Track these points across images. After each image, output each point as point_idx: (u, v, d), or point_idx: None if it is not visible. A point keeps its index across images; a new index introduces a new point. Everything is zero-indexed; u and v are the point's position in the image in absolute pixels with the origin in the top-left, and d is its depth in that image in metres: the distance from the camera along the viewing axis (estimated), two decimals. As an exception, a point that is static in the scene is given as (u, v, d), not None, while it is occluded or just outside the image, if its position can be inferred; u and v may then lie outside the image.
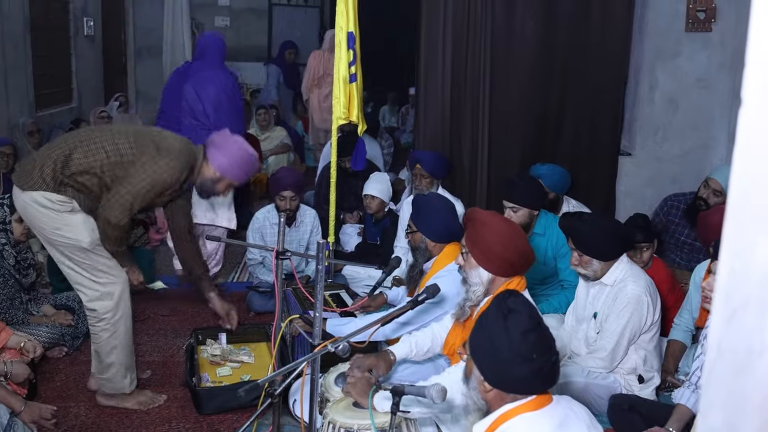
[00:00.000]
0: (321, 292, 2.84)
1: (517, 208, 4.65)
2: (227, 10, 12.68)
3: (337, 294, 4.80)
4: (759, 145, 0.77)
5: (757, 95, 0.77)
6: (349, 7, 5.00)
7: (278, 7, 12.77)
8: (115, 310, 3.85)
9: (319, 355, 2.65)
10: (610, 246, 3.84)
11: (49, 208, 3.68)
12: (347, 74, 5.06)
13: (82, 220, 3.76)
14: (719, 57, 6.13)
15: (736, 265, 0.80)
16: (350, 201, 6.81)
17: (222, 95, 5.91)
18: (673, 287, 4.63)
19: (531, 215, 4.70)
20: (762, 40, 0.76)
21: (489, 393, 2.35)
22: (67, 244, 3.74)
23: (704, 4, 6.03)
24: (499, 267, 3.14)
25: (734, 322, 0.80)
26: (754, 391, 0.79)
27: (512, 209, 4.65)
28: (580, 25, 5.96)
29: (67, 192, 3.70)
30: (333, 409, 3.05)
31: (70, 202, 3.71)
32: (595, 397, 3.80)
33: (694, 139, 6.31)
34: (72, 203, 3.72)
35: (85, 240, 3.73)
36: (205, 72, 5.94)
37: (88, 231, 3.75)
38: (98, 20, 10.08)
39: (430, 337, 3.48)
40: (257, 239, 5.56)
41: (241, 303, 5.61)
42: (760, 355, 0.78)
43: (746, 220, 0.78)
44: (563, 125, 6.14)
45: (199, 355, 4.45)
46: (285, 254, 3.46)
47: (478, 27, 5.80)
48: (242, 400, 3.61)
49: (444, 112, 5.90)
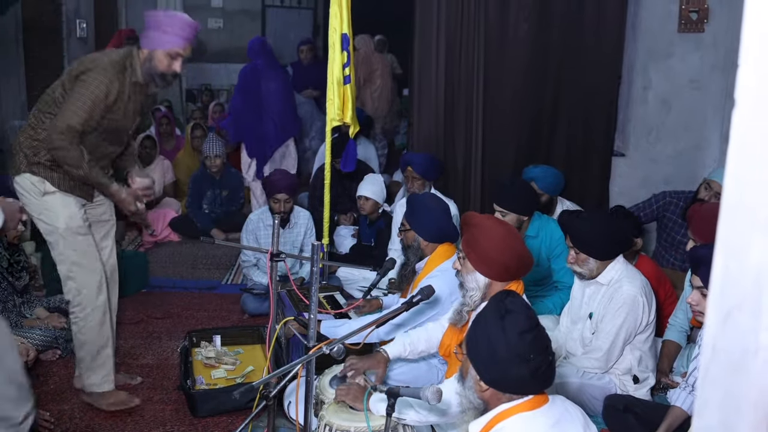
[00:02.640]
0: (315, 294, 2.84)
1: (506, 213, 4.66)
2: (220, 11, 12.66)
3: (331, 296, 4.79)
4: (752, 146, 0.77)
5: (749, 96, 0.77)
6: (343, 8, 5.00)
7: (272, 9, 12.75)
8: (83, 304, 3.84)
9: (314, 357, 2.65)
10: (608, 246, 3.85)
11: (30, 193, 3.73)
12: (341, 76, 5.06)
13: (59, 202, 3.76)
14: (712, 58, 6.15)
15: (731, 266, 0.80)
16: (344, 203, 6.81)
17: (287, 93, 7.18)
18: (661, 282, 4.60)
19: (519, 220, 4.71)
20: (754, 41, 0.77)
21: (485, 392, 2.35)
22: (48, 230, 3.77)
23: (697, 5, 6.05)
24: (496, 272, 3.13)
25: (729, 322, 0.80)
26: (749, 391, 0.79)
27: (500, 213, 4.66)
28: (574, 25, 5.97)
29: (39, 172, 3.72)
30: (328, 411, 3.05)
31: (42, 183, 3.71)
32: (590, 397, 3.80)
33: (687, 140, 6.32)
34: (44, 184, 3.72)
35: (60, 225, 3.73)
36: (272, 71, 7.04)
37: (64, 216, 3.74)
38: (91, 22, 10.03)
39: (425, 336, 3.48)
40: (251, 241, 5.56)
41: (235, 305, 5.62)
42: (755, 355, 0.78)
43: (740, 220, 0.78)
44: (557, 126, 6.15)
45: (194, 357, 4.45)
46: (279, 256, 3.45)
47: (471, 28, 5.80)
48: (237, 403, 3.60)
49: (438, 113, 5.90)
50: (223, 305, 5.70)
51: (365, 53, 8.84)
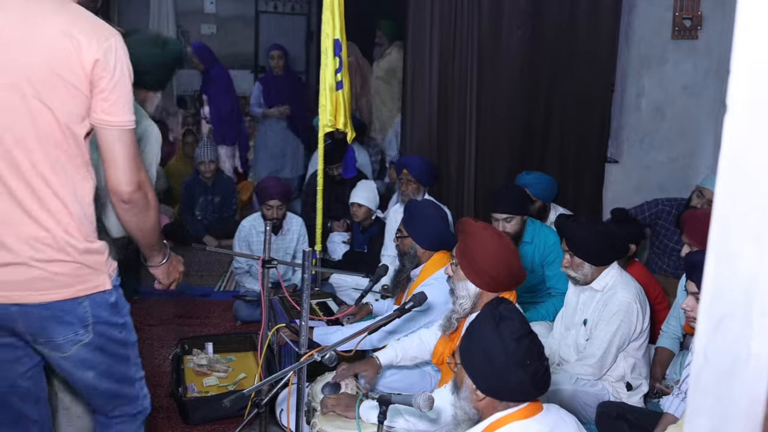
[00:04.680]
0: (307, 301, 2.83)
1: (511, 218, 4.64)
2: (214, 17, 12.64)
3: (324, 302, 4.78)
4: (744, 153, 0.77)
5: (742, 103, 0.77)
6: (336, 14, 5.00)
7: (265, 15, 12.74)
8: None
9: (306, 364, 2.64)
10: (604, 251, 3.85)
11: None
12: (333, 82, 5.06)
13: None
14: (705, 64, 6.16)
15: (722, 273, 0.79)
16: (337, 209, 6.80)
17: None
18: (651, 288, 4.58)
19: (523, 222, 4.71)
20: (747, 48, 0.76)
21: (481, 402, 2.35)
22: None
23: (690, 12, 6.07)
24: (486, 282, 3.13)
25: (720, 329, 0.80)
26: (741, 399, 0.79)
27: (505, 220, 4.63)
28: (567, 33, 5.97)
29: None
30: (320, 418, 3.04)
31: None
32: (583, 404, 3.79)
33: (681, 147, 6.33)
34: None
35: None
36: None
37: None
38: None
39: (417, 343, 3.47)
40: (243, 248, 5.54)
41: (227, 312, 5.60)
42: (746, 363, 0.78)
43: (732, 227, 0.78)
44: (550, 133, 6.15)
45: (186, 365, 4.43)
46: (271, 263, 3.45)
47: (464, 35, 5.80)
48: (229, 410, 3.59)
49: (431, 121, 5.89)
50: (216, 312, 5.68)
51: (356, 62, 8.80)
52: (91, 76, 2.22)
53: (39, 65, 2.17)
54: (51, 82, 2.19)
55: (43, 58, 2.18)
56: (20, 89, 2.17)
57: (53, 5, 2.25)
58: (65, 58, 2.19)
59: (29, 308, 2.27)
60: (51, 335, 2.33)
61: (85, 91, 2.23)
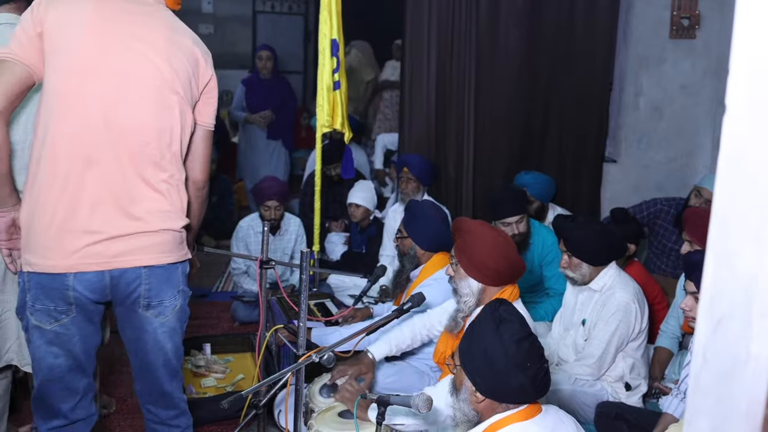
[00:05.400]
0: (305, 302, 2.82)
1: (522, 218, 4.63)
2: (211, 17, 12.63)
3: (322, 303, 4.78)
4: (743, 152, 0.76)
5: (741, 102, 0.77)
6: (333, 14, 5.00)
7: (262, 15, 12.74)
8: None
9: (304, 365, 2.63)
10: (602, 251, 3.84)
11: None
12: (331, 82, 5.06)
13: None
14: (704, 64, 6.16)
15: (722, 273, 0.79)
16: (335, 209, 6.79)
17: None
18: (649, 287, 4.58)
19: (529, 220, 4.71)
20: (745, 47, 0.76)
21: (480, 403, 2.34)
22: None
23: (688, 11, 6.07)
24: (488, 276, 3.13)
25: (719, 330, 0.80)
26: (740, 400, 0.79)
27: (517, 222, 4.60)
28: (565, 32, 5.97)
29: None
30: (318, 420, 3.03)
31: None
32: (582, 404, 3.79)
33: (679, 146, 6.33)
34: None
35: None
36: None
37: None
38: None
39: (410, 331, 3.47)
40: (241, 248, 5.53)
41: (225, 313, 5.59)
42: (745, 364, 0.77)
43: (731, 227, 0.78)
44: (548, 132, 6.15)
45: (184, 366, 4.42)
46: (269, 263, 3.44)
47: (462, 35, 5.79)
48: (227, 412, 3.58)
49: (429, 121, 5.88)
50: (214, 313, 5.67)
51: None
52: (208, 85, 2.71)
53: (182, 71, 2.58)
54: (189, 88, 2.62)
55: (184, 65, 2.58)
56: (177, 93, 2.56)
57: (177, 20, 2.67)
58: (195, 67, 2.64)
59: (156, 269, 2.62)
60: (163, 297, 2.69)
61: (197, 96, 2.68)
